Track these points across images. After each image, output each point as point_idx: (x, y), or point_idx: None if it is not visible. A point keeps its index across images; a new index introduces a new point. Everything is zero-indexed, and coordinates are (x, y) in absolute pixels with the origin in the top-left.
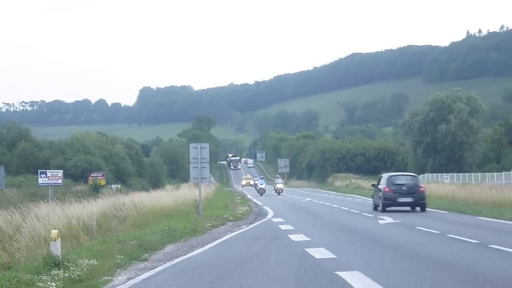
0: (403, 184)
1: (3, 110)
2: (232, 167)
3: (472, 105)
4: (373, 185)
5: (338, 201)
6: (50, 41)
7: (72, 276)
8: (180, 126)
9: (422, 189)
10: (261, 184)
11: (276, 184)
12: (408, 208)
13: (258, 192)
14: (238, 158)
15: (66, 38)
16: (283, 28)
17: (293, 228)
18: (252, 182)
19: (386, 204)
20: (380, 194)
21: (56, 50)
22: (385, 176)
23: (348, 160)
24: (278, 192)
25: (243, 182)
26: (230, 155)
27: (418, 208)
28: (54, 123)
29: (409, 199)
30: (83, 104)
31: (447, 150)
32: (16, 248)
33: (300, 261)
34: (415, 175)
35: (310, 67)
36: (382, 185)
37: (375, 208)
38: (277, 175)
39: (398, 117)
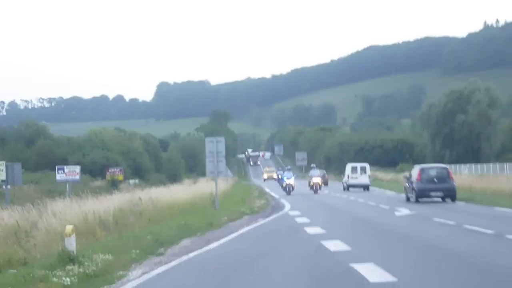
0: (434, 176)
1: (21, 107)
2: (251, 163)
3: (490, 96)
4: (405, 176)
5: (356, 194)
6: (67, 38)
7: (87, 272)
8: (198, 120)
9: (452, 180)
10: (288, 178)
11: (311, 177)
12: (439, 199)
13: (285, 190)
14: (257, 153)
15: (83, 34)
16: (300, 21)
17: (309, 221)
18: (275, 176)
19: (420, 194)
20: (412, 185)
21: (73, 47)
22: (417, 167)
23: (366, 152)
24: (315, 189)
25: (265, 176)
26: (249, 150)
27: (448, 199)
28: (72, 120)
29: (439, 192)
30: (101, 100)
31: (464, 141)
32: (32, 244)
33: (315, 254)
34: (446, 166)
35: (327, 60)
36: (415, 177)
37: (407, 199)
38: (313, 164)
39: (415, 109)
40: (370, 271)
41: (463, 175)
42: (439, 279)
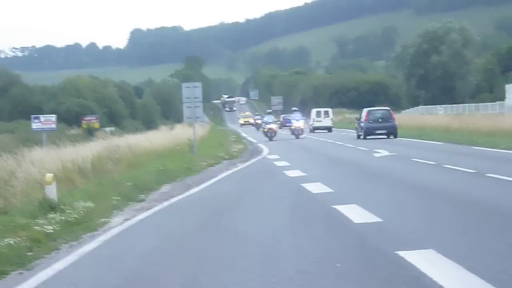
0: (379, 117)
1: None
2: (227, 109)
3: (465, 35)
4: (356, 118)
5: (333, 136)
6: None
7: (69, 219)
8: (172, 66)
9: (394, 120)
10: (269, 123)
11: (294, 122)
12: (384, 136)
13: (266, 135)
14: (233, 99)
15: None
16: None
17: (288, 164)
18: (252, 120)
19: (367, 133)
20: (362, 125)
21: None
22: (365, 110)
23: (341, 94)
24: (297, 133)
25: (241, 121)
26: (225, 96)
27: (391, 136)
28: (45, 68)
29: (383, 130)
30: (74, 48)
31: (439, 82)
32: (11, 193)
33: (297, 196)
34: (388, 108)
35: (301, 3)
36: (363, 117)
37: (358, 137)
38: (294, 108)
39: (389, 50)
40: (354, 212)
41: (439, 116)
42: (423, 217)
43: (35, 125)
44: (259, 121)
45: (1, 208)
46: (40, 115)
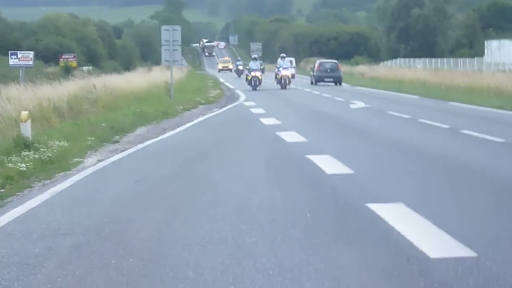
0: (328, 67)
1: None
2: (206, 54)
3: None
4: (311, 68)
5: (311, 86)
6: None
7: (43, 158)
8: (152, 8)
9: (340, 71)
10: (254, 70)
11: (280, 69)
12: (332, 84)
13: (250, 84)
14: (213, 44)
15: None
16: None
17: (264, 111)
18: (231, 66)
19: (317, 80)
20: (314, 73)
21: None
22: (317, 61)
23: (321, 44)
24: (283, 83)
25: (220, 66)
26: (204, 40)
27: (337, 84)
28: (25, 4)
29: (331, 78)
30: None
31: (420, 36)
32: None
33: (271, 145)
34: (336, 61)
35: None
36: (315, 67)
37: (311, 83)
38: (283, 54)
39: (371, 1)
40: (327, 163)
41: (418, 69)
42: (395, 171)
43: (12, 61)
44: (240, 67)
45: None
46: (17, 51)
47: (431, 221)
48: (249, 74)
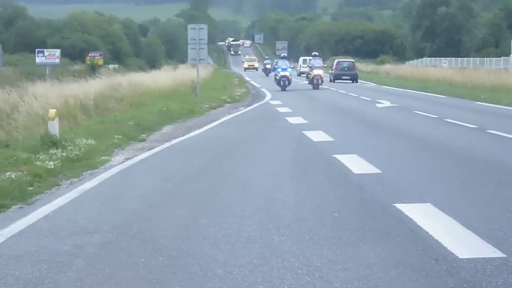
0: (346, 66)
1: None
2: (232, 52)
3: None
4: (329, 66)
5: (336, 85)
6: None
7: (70, 156)
8: (178, 6)
9: (356, 69)
10: (284, 70)
11: (312, 68)
12: (350, 81)
13: (279, 84)
14: (239, 42)
15: None
16: None
17: (291, 110)
18: (257, 65)
19: (336, 77)
20: (332, 71)
21: None
22: (336, 60)
23: (347, 42)
24: (315, 83)
25: (245, 65)
26: (230, 39)
27: (354, 81)
28: (51, 1)
29: (348, 77)
30: None
31: (445, 34)
32: (13, 126)
33: (298, 144)
34: (353, 60)
35: None
36: (334, 66)
37: (330, 80)
38: (314, 52)
39: (397, 0)
40: (354, 162)
41: (443, 68)
42: (422, 171)
43: (38, 59)
44: (268, 66)
45: (3, 142)
46: (44, 49)
47: (459, 221)
48: (277, 74)
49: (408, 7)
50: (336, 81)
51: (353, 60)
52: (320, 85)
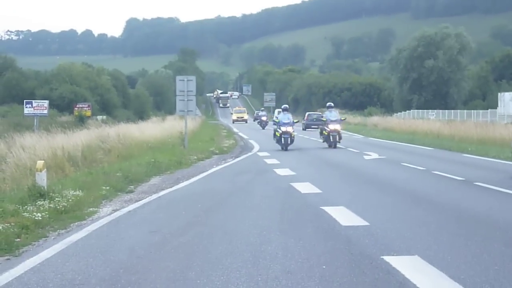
0: (315, 118)
1: None
2: (221, 105)
3: (461, 42)
4: (303, 118)
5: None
6: None
7: (58, 207)
8: (166, 58)
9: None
10: (284, 125)
11: (327, 123)
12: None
13: (279, 141)
14: (228, 95)
15: None
16: None
17: (278, 162)
18: (246, 117)
19: (306, 127)
20: (304, 122)
21: None
22: (307, 114)
23: (334, 95)
24: (332, 140)
25: (234, 117)
26: (219, 91)
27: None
28: (39, 53)
29: (316, 126)
30: (69, 34)
31: (433, 86)
32: (1, 178)
33: (286, 196)
34: (320, 113)
35: (298, 1)
36: (305, 118)
37: (303, 129)
38: (330, 103)
39: (385, 52)
40: (342, 215)
41: (431, 120)
42: (410, 223)
43: (27, 110)
44: (264, 118)
45: None
46: (32, 100)
47: (447, 273)
48: (278, 130)
49: (395, 60)
50: (307, 129)
51: (320, 113)
52: (338, 143)
